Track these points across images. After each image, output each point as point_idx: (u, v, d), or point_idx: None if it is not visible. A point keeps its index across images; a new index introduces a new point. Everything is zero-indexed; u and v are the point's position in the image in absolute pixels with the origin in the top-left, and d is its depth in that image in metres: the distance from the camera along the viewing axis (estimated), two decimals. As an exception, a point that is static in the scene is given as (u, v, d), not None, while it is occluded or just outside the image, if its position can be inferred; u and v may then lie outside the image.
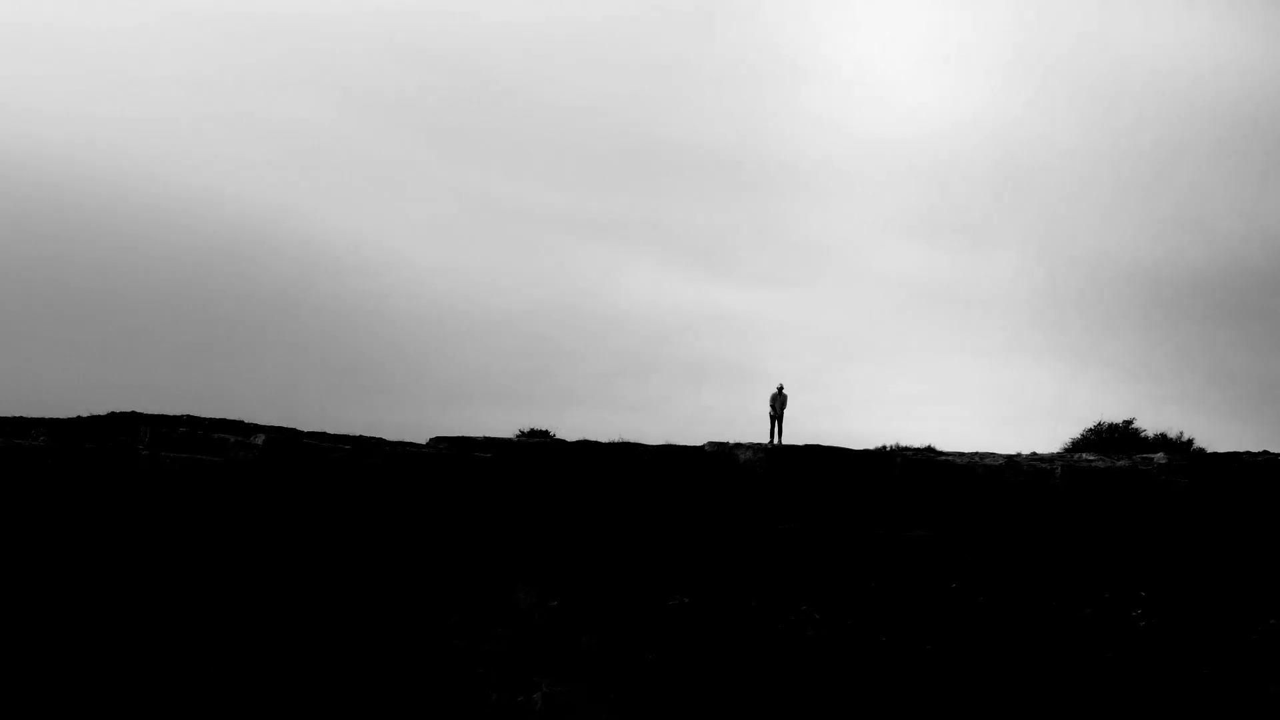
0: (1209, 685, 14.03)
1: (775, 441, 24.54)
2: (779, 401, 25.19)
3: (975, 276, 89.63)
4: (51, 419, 23.53)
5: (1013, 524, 18.84)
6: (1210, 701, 13.92)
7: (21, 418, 22.66)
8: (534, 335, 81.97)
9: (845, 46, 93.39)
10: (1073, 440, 31.96)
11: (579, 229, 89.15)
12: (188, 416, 27.36)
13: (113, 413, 27.65)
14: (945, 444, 28.74)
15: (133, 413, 27.46)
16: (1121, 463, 21.44)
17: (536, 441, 22.04)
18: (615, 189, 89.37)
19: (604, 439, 25.13)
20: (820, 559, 18.68)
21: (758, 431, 28.43)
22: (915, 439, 32.30)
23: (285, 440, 20.16)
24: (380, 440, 26.14)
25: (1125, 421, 31.97)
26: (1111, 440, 30.75)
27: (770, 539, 20.24)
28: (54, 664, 13.04)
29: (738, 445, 23.14)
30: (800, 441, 25.42)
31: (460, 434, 25.94)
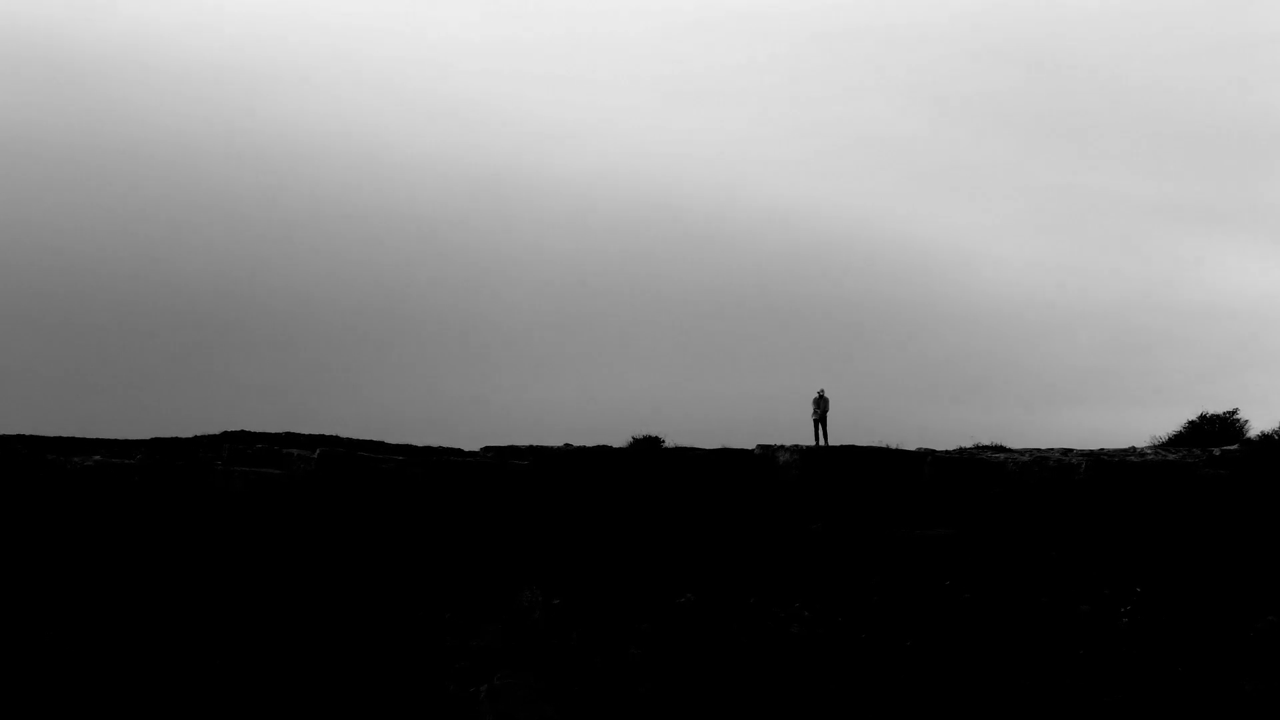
0: (1182, 683, 13.68)
1: (820, 444, 24.74)
2: (820, 405, 25.41)
3: None
4: (155, 439, 25.99)
5: (1032, 521, 18.61)
6: (1183, 699, 13.57)
7: (120, 440, 25.14)
8: (1120, 330, 79.07)
9: None
10: (1169, 434, 30.60)
11: (1167, 216, 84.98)
12: (286, 434, 29.60)
13: (225, 431, 30.17)
14: None
15: (241, 431, 29.89)
16: (1171, 456, 20.74)
17: (574, 448, 23.06)
18: (1206, 172, 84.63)
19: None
20: (833, 557, 18.92)
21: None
22: None
23: (341, 453, 21.75)
24: (453, 450, 27.65)
25: (1228, 413, 30.40)
26: (1211, 432, 29.37)
27: (796, 537, 20.57)
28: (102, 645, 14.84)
29: (780, 447, 23.50)
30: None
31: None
